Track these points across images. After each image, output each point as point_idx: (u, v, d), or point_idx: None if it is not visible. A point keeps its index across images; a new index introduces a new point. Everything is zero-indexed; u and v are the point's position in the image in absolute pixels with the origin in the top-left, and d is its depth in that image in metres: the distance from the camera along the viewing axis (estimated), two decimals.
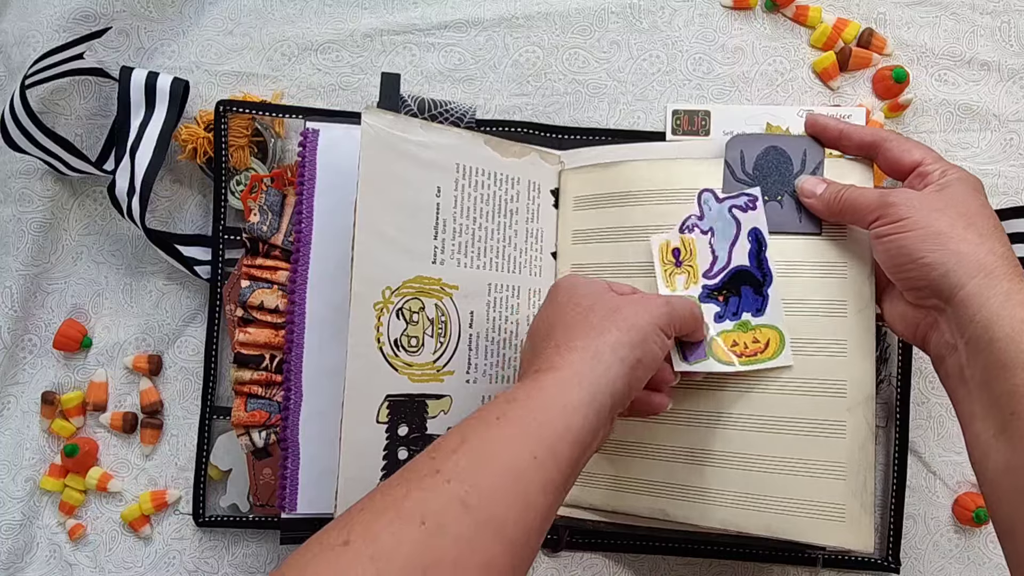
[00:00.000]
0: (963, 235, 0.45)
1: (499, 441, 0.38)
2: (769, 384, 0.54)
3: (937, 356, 0.48)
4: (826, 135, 0.55)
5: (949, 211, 0.46)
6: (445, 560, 0.33)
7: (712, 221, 0.56)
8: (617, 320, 0.45)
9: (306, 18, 0.66)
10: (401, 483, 0.36)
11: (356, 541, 0.33)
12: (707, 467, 0.55)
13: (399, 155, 0.53)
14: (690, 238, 0.56)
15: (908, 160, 0.51)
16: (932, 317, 0.48)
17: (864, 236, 0.53)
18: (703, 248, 0.56)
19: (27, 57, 0.63)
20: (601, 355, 0.43)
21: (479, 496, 0.35)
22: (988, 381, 0.43)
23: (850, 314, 0.54)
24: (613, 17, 0.66)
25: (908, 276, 0.48)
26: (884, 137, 0.52)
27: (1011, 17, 0.64)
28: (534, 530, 0.37)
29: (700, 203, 0.56)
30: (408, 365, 0.54)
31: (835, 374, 0.53)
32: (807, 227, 0.55)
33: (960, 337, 0.45)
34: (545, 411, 0.40)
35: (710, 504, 0.55)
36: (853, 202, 0.51)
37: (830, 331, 0.54)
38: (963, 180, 0.49)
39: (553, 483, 0.38)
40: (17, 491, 0.64)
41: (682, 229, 0.56)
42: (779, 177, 0.55)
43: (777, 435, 0.54)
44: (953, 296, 0.45)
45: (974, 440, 0.45)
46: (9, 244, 0.64)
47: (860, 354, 0.53)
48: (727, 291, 0.55)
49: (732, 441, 0.55)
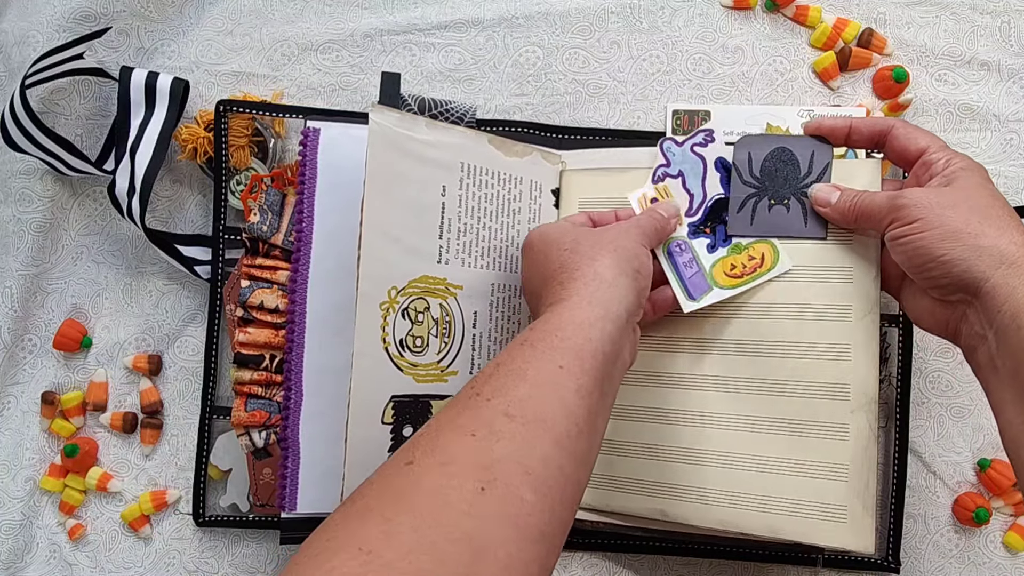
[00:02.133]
0: (980, 229, 0.45)
1: (526, 360, 0.42)
2: (772, 386, 0.55)
3: (968, 348, 0.48)
4: (835, 135, 0.55)
5: (961, 207, 0.46)
6: (506, 457, 0.37)
7: (679, 164, 0.57)
8: (605, 244, 0.49)
9: (306, 18, 0.66)
10: (450, 408, 0.40)
11: (420, 459, 0.37)
12: (707, 467, 0.55)
13: (405, 154, 0.53)
14: (663, 185, 0.58)
15: (914, 148, 0.51)
16: (960, 311, 0.48)
17: (869, 241, 0.53)
18: (678, 191, 0.57)
19: (27, 57, 0.63)
20: (602, 275, 0.47)
21: (519, 406, 0.39)
22: (1018, 368, 0.43)
23: (855, 318, 0.54)
24: (613, 17, 0.66)
25: (931, 275, 0.47)
26: (891, 124, 0.52)
27: (1011, 17, 0.64)
28: (577, 428, 0.40)
29: (663, 151, 0.58)
30: (413, 365, 0.54)
31: (839, 377, 0.53)
32: (813, 232, 0.55)
33: (989, 328, 0.45)
34: (563, 329, 0.44)
35: (710, 504, 0.55)
36: (866, 208, 0.51)
37: (835, 335, 0.54)
38: (968, 170, 0.49)
39: (585, 388, 0.42)
40: (17, 491, 0.64)
41: (654, 180, 0.58)
42: (786, 180, 0.55)
43: (779, 436, 0.54)
44: (979, 289, 0.45)
45: (1007, 426, 0.45)
46: (9, 244, 0.64)
47: (864, 358, 0.53)
48: (711, 222, 0.57)
49: (733, 441, 0.55)
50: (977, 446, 0.63)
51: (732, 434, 0.55)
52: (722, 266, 0.56)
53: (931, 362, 0.63)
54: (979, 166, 0.49)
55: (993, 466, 0.61)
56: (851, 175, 0.54)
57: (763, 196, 0.56)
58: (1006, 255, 0.44)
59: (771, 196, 0.56)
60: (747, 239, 0.56)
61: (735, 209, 0.56)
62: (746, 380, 0.55)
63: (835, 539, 0.52)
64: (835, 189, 0.53)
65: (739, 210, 0.56)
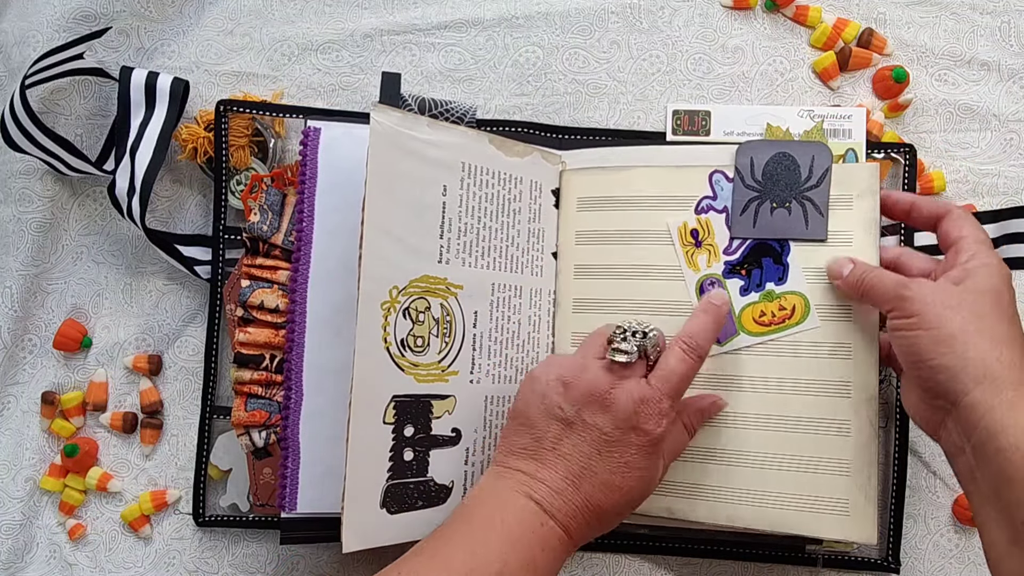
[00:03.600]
0: (973, 339, 0.44)
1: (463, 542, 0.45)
2: (775, 384, 0.56)
3: (949, 453, 0.48)
4: (897, 208, 0.55)
5: (963, 310, 0.45)
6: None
7: (725, 200, 0.58)
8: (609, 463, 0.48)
9: (306, 18, 0.66)
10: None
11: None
12: (712, 465, 0.56)
13: (406, 153, 0.53)
14: (706, 218, 0.58)
15: (955, 234, 0.50)
16: (940, 416, 0.47)
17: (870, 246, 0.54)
18: (719, 226, 0.58)
19: (27, 57, 0.63)
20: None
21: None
22: (998, 489, 0.42)
23: (854, 318, 0.55)
24: (613, 17, 0.66)
25: (919, 375, 0.47)
26: (948, 210, 0.52)
27: (1011, 17, 0.64)
28: None
29: (712, 184, 0.58)
30: (414, 365, 0.54)
31: (840, 375, 0.55)
32: (814, 233, 0.56)
33: (967, 441, 0.45)
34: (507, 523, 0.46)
35: (717, 501, 0.56)
36: (872, 288, 0.51)
37: (835, 334, 0.55)
38: (987, 268, 0.47)
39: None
40: (17, 491, 0.63)
41: (697, 211, 0.58)
42: (787, 184, 0.57)
43: (784, 433, 0.55)
44: (958, 401, 0.44)
45: (990, 546, 0.44)
46: (9, 244, 0.64)
47: (864, 355, 0.55)
48: (748, 264, 0.57)
49: (739, 439, 0.56)
50: None
51: (737, 432, 0.56)
52: (752, 311, 0.57)
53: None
54: (1002, 267, 0.48)
55: None
56: (850, 178, 0.56)
57: (765, 199, 0.57)
58: (990, 371, 0.43)
59: (773, 199, 0.57)
60: (779, 287, 0.56)
61: (738, 212, 0.57)
62: (749, 378, 0.56)
63: (838, 531, 0.54)
64: (849, 262, 0.53)
65: (742, 213, 0.57)
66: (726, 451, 0.56)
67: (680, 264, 0.58)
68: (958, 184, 0.64)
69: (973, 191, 0.64)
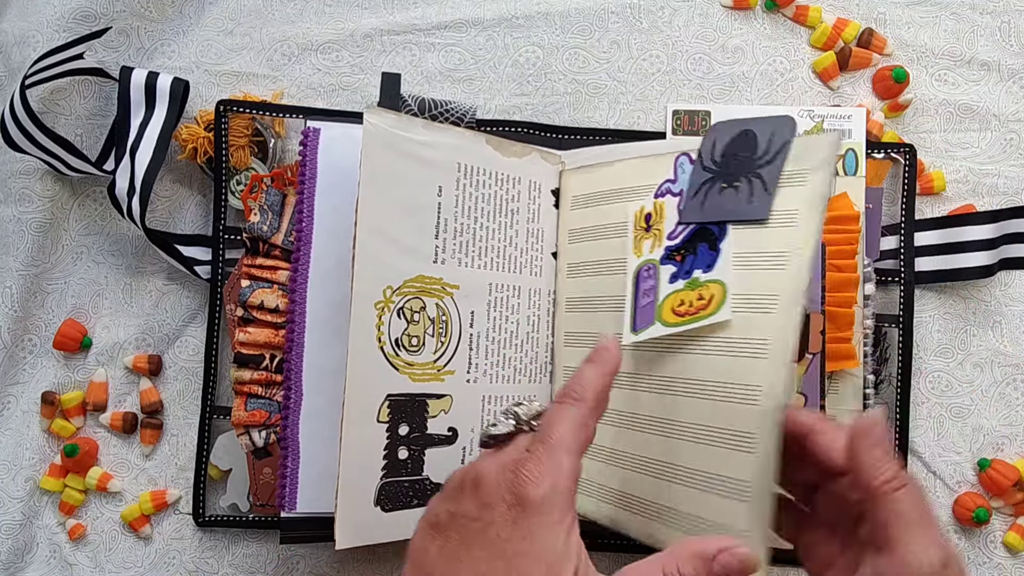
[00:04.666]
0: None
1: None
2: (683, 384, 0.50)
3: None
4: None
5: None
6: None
7: (683, 183, 0.54)
8: None
9: (306, 18, 0.66)
10: None
11: None
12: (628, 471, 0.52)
13: (401, 154, 0.53)
14: (661, 202, 0.55)
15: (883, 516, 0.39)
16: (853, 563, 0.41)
17: (811, 226, 0.47)
18: (671, 210, 0.54)
19: (27, 57, 0.63)
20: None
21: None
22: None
23: (776, 310, 0.47)
24: (613, 17, 0.66)
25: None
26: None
27: (1011, 17, 0.64)
28: None
29: (676, 167, 0.55)
30: (409, 364, 0.54)
31: (748, 377, 0.46)
32: (756, 213, 0.49)
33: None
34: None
35: (639, 515, 0.51)
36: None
37: (747, 328, 0.47)
38: None
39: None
40: (17, 491, 0.64)
41: (657, 194, 0.55)
42: (740, 161, 0.51)
43: (679, 441, 0.49)
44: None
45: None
46: (9, 244, 0.64)
47: (780, 355, 0.45)
48: (685, 250, 0.52)
49: (645, 446, 0.51)
50: (977, 446, 0.63)
51: (643, 436, 0.51)
52: (672, 301, 0.51)
53: (931, 362, 0.63)
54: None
55: (993, 466, 0.61)
56: (807, 151, 0.48)
57: (717, 180, 0.52)
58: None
59: (724, 179, 0.52)
60: (705, 275, 0.50)
61: (691, 195, 0.53)
62: (648, 375, 0.51)
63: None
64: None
65: (695, 195, 0.53)
66: (622, 454, 0.51)
67: (627, 249, 0.54)
68: (958, 184, 0.64)
69: (973, 191, 0.64)
